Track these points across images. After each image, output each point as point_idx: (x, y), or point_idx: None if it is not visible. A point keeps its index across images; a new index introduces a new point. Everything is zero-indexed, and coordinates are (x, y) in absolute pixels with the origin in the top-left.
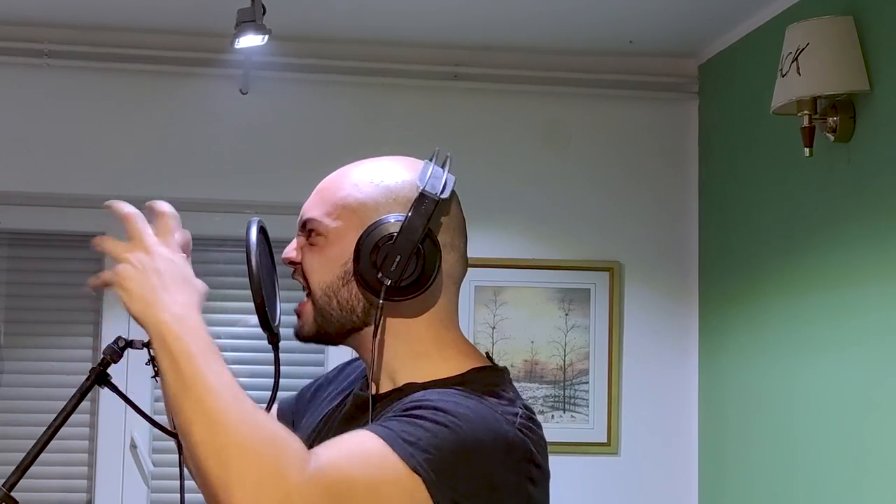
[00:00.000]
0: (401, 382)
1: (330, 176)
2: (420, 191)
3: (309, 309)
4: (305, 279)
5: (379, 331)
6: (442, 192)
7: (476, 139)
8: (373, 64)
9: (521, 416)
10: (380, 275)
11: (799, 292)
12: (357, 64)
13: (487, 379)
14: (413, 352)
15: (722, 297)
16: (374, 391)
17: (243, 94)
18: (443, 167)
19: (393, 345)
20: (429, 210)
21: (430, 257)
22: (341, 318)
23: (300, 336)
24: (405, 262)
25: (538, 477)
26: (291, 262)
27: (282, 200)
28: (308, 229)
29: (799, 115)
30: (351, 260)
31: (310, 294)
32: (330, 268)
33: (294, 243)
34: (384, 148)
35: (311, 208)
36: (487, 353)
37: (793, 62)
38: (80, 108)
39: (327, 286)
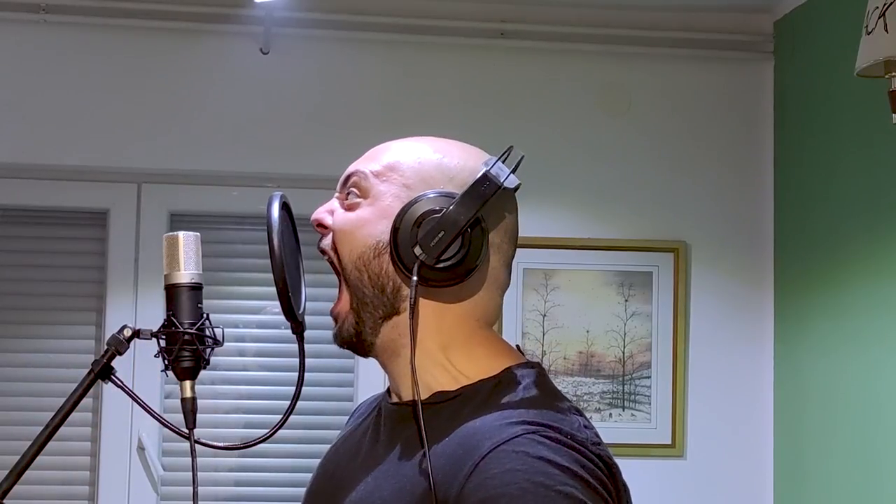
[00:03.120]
0: (433, 387)
1: (388, 142)
2: (483, 172)
3: (345, 301)
4: (334, 250)
5: (412, 316)
6: (505, 180)
7: (524, 104)
8: (408, 20)
9: (588, 430)
10: (417, 249)
11: (886, 275)
12: (391, 20)
13: (527, 378)
14: (440, 344)
15: (800, 281)
16: (406, 398)
17: (264, 53)
18: (513, 171)
19: (420, 338)
20: (487, 193)
21: (476, 244)
22: (374, 299)
23: (340, 339)
24: (448, 241)
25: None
26: (321, 226)
27: (307, 173)
28: (349, 187)
29: (887, 76)
30: (389, 228)
31: (339, 273)
32: (364, 233)
33: (327, 204)
34: (421, 115)
35: (359, 163)
36: (518, 346)
37: (880, 17)
38: (81, 70)
39: (358, 257)
